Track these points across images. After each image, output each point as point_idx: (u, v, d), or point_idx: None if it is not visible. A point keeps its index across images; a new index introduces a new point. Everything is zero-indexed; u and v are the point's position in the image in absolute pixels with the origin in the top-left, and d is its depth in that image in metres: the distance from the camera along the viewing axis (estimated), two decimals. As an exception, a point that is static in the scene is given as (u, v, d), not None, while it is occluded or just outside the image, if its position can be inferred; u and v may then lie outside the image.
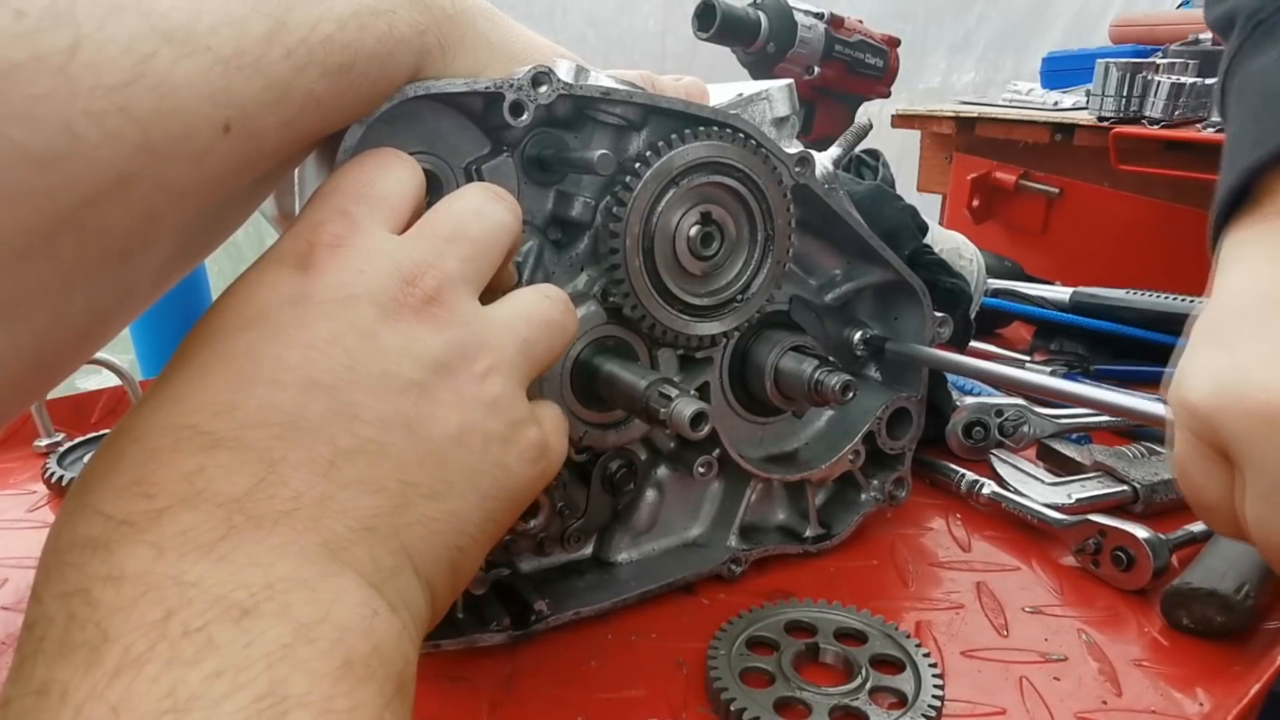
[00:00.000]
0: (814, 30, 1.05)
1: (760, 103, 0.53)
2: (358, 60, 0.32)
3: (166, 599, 0.22)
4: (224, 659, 0.22)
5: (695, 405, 0.41)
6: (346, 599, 0.25)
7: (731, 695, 0.43)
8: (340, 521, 0.26)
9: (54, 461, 0.70)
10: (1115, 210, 1.48)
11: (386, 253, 0.31)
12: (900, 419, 0.60)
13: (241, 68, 0.28)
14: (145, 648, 0.21)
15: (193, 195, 0.29)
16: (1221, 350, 0.38)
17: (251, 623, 0.23)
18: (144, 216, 0.28)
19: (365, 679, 0.24)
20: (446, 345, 0.31)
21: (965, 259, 0.84)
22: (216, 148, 0.28)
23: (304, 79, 0.30)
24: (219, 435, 0.26)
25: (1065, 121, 1.53)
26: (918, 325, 0.59)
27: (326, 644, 0.24)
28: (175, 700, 0.21)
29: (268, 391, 0.27)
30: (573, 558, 0.55)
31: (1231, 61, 0.50)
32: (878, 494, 0.61)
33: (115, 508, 0.24)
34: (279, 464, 0.26)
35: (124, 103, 0.25)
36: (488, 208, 0.36)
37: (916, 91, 2.83)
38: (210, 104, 0.27)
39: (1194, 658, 0.49)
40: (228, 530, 0.24)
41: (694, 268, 0.48)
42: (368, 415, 0.28)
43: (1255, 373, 0.36)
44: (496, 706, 0.45)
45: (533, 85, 0.41)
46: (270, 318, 0.29)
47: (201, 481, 0.25)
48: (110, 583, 0.23)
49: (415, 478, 0.29)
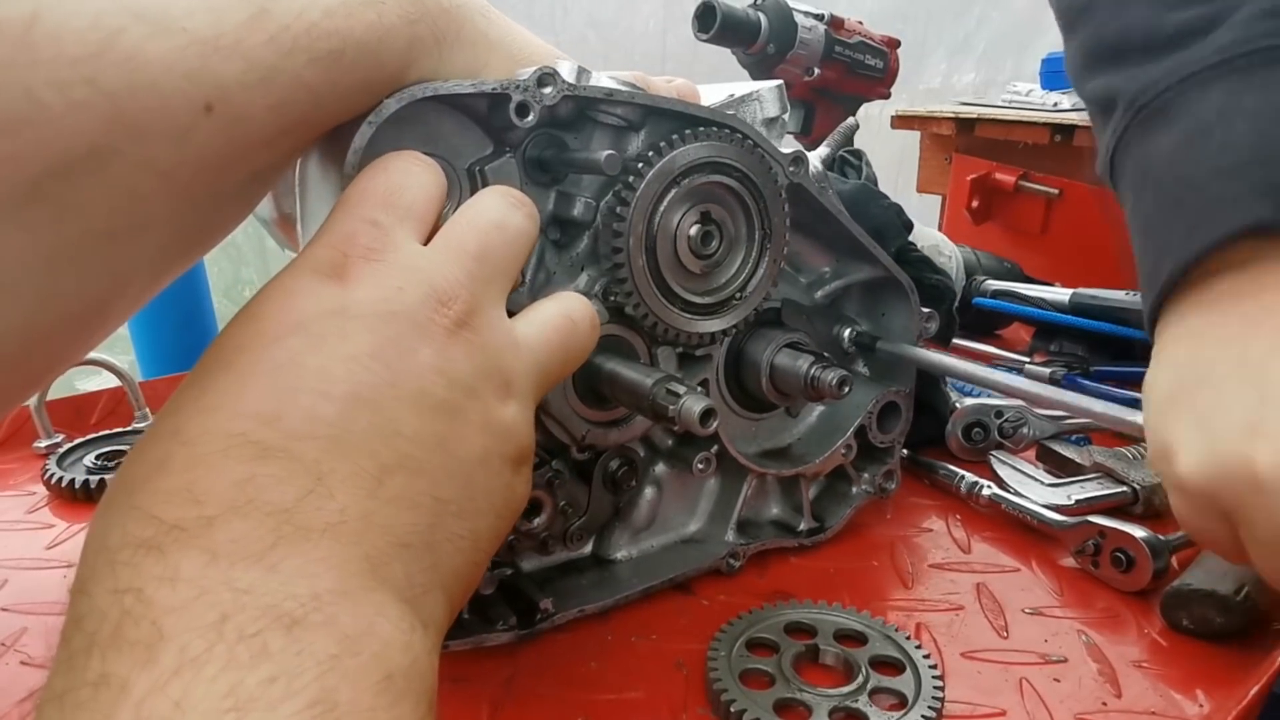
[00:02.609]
0: (814, 31, 1.05)
1: (752, 103, 0.53)
2: (346, 47, 0.32)
3: (222, 603, 0.23)
4: (278, 665, 0.22)
5: (704, 402, 0.41)
6: (388, 613, 0.26)
7: (731, 696, 0.43)
8: (382, 537, 0.27)
9: (54, 463, 0.70)
10: (1115, 211, 1.48)
11: (420, 269, 0.32)
12: (890, 413, 0.61)
13: (220, 49, 0.28)
14: (203, 648, 0.22)
15: (181, 177, 0.29)
16: (1195, 425, 0.41)
17: (301, 632, 0.23)
18: (127, 195, 0.28)
19: (405, 692, 0.24)
20: (476, 370, 0.31)
21: (945, 255, 0.86)
22: (199, 126, 0.28)
23: (291, 63, 0.30)
24: (268, 444, 0.26)
25: (1065, 122, 1.53)
26: (905, 321, 0.60)
27: (370, 657, 0.24)
28: (236, 700, 0.21)
29: (313, 402, 0.27)
30: (573, 556, 0.55)
31: (1118, 141, 0.51)
32: (869, 486, 0.62)
33: (166, 511, 0.25)
34: (327, 476, 0.26)
35: (90, 74, 0.25)
36: (511, 219, 0.36)
37: (917, 92, 2.83)
38: (187, 81, 0.27)
39: (1194, 659, 0.49)
40: (276, 540, 0.25)
41: (694, 266, 0.48)
42: (408, 431, 0.29)
43: (1233, 445, 0.39)
44: (497, 707, 0.45)
45: (538, 86, 0.41)
46: (310, 328, 0.29)
47: (252, 490, 0.25)
48: (165, 583, 0.23)
49: (447, 495, 0.29)
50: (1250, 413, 0.39)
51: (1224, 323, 0.43)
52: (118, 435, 0.76)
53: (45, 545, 0.61)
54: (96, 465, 0.70)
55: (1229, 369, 0.41)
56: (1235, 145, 0.44)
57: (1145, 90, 0.49)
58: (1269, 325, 0.41)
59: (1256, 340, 0.41)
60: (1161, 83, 0.48)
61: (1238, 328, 0.42)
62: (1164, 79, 0.48)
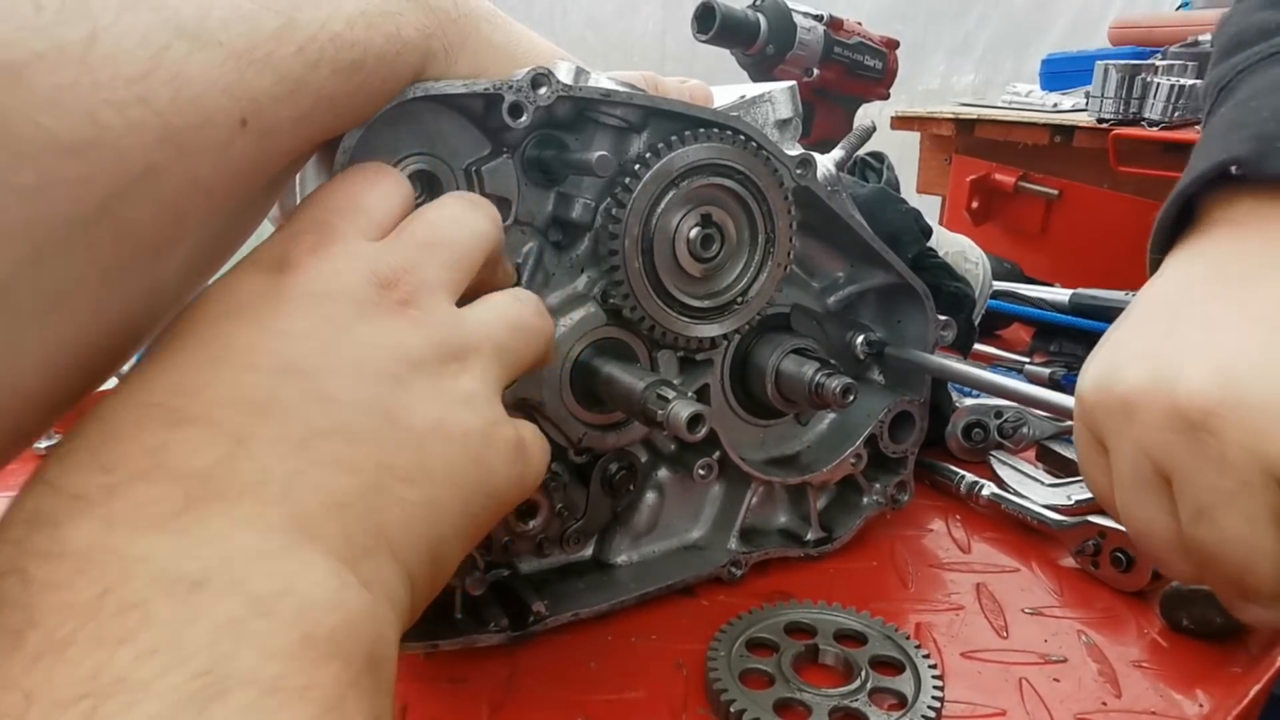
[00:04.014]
0: (813, 32, 1.05)
1: (763, 105, 0.53)
2: (367, 59, 0.32)
3: (106, 575, 0.21)
4: (160, 636, 0.21)
5: (692, 407, 0.41)
6: (312, 571, 0.24)
7: (731, 696, 0.43)
8: (312, 497, 0.26)
9: (54, 463, 0.70)
10: (1114, 212, 1.48)
11: (363, 256, 0.31)
12: (903, 422, 0.60)
13: (254, 63, 0.28)
14: (72, 628, 0.20)
15: (217, 191, 0.29)
16: (1108, 349, 0.41)
17: (199, 596, 0.22)
18: (172, 211, 0.28)
19: (329, 655, 0.23)
20: (422, 343, 0.31)
21: (971, 262, 0.84)
22: (235, 142, 0.28)
23: (316, 75, 0.30)
24: (185, 413, 0.25)
25: (1064, 123, 1.54)
26: (920, 329, 0.59)
27: (285, 618, 0.22)
28: (97, 683, 0.19)
29: (238, 374, 0.27)
30: (572, 559, 0.55)
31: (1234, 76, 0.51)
32: (880, 497, 0.61)
33: (69, 481, 0.23)
34: (248, 440, 0.25)
35: (143, 93, 0.26)
36: (465, 215, 0.36)
37: (916, 93, 2.83)
38: (226, 97, 0.28)
39: (1193, 659, 0.49)
40: (187, 503, 0.23)
41: (694, 269, 0.48)
42: (344, 399, 0.28)
43: (1124, 367, 0.38)
44: (496, 708, 0.45)
45: (532, 87, 0.41)
46: (245, 310, 0.29)
47: (163, 455, 0.24)
48: (49, 560, 0.22)
49: (393, 461, 0.28)
50: (1150, 341, 0.39)
51: (1181, 273, 0.43)
52: (118, 437, 0.76)
53: (45, 547, 0.61)
54: (96, 467, 0.70)
55: (1154, 308, 0.41)
56: (1262, 113, 0.44)
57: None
58: (1214, 275, 0.41)
59: (1195, 287, 0.41)
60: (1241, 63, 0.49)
61: (1185, 276, 0.42)
62: (1243, 61, 0.49)
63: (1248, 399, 0.34)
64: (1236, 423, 0.34)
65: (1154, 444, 0.37)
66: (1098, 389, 0.40)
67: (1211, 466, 0.35)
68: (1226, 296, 0.39)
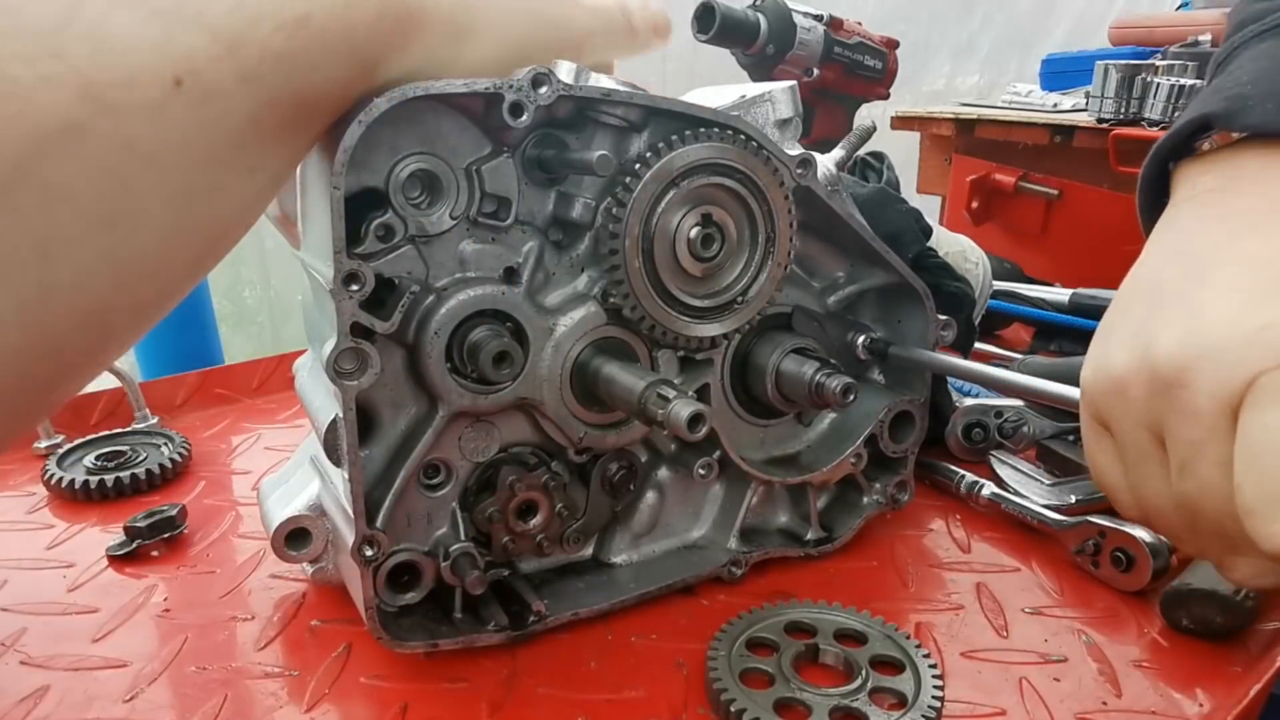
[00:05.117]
0: (813, 32, 1.05)
1: (763, 104, 0.53)
2: (313, 12, 0.32)
3: None
4: None
5: (692, 407, 0.41)
6: None
7: (731, 696, 0.43)
8: None
9: (53, 463, 0.70)
10: (1115, 212, 1.48)
11: None
12: (903, 422, 0.60)
13: (182, 20, 0.28)
14: None
15: (165, 160, 0.29)
16: (1100, 337, 0.43)
17: None
18: (111, 176, 0.27)
19: None
20: None
21: (971, 262, 0.84)
22: (171, 102, 0.28)
23: (257, 32, 0.30)
24: None
25: (1065, 123, 1.54)
26: (921, 329, 0.59)
27: None
28: None
29: None
30: (572, 559, 0.55)
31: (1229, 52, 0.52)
32: (880, 497, 0.61)
33: None
34: None
35: (56, 48, 0.26)
36: None
37: (920, 94, 2.83)
38: (154, 55, 0.27)
39: (1194, 658, 0.49)
40: None
41: (694, 269, 0.48)
42: None
43: (1115, 351, 0.40)
44: (496, 707, 0.45)
45: (532, 86, 0.41)
46: None
47: None
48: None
49: None
50: (1133, 323, 0.40)
51: (1154, 252, 0.44)
52: (117, 436, 0.77)
53: (45, 545, 0.61)
54: (96, 466, 0.70)
55: (1135, 291, 0.42)
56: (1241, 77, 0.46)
57: None
58: (1188, 250, 0.42)
59: (1166, 267, 0.42)
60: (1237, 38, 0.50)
61: (1158, 254, 0.44)
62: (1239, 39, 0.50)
63: (1212, 351, 0.35)
64: (1203, 372, 0.35)
65: (1145, 415, 0.38)
66: (1094, 376, 0.41)
67: (1187, 420, 0.36)
68: (1193, 273, 0.40)
